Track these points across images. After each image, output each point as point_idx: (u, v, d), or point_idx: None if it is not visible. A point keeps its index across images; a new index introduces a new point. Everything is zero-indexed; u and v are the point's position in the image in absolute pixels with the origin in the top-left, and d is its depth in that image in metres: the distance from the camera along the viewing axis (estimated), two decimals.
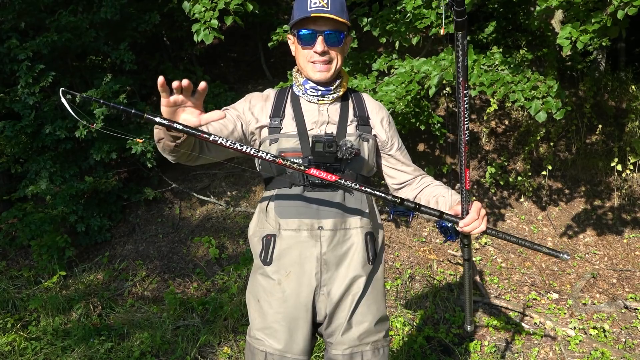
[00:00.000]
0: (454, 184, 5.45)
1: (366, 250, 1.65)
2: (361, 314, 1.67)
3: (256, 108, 1.67)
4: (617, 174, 5.46)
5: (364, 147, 1.66)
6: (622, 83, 5.95)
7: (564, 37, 3.12)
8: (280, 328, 1.64)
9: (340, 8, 1.56)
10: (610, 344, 3.43)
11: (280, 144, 1.61)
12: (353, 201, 1.64)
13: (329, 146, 1.50)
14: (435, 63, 3.66)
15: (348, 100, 1.71)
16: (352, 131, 1.66)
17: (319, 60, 1.57)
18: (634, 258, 4.73)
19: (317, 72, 1.59)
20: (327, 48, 1.56)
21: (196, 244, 4.91)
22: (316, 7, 1.52)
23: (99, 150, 4.88)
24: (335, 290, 1.63)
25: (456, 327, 3.61)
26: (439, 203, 1.69)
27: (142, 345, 3.39)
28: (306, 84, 1.65)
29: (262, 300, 1.68)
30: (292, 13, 1.61)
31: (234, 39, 7.23)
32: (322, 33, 1.54)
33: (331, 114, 1.66)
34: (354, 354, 1.67)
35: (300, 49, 1.60)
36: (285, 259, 1.63)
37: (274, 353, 1.64)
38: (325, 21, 1.53)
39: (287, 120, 1.64)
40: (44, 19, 4.99)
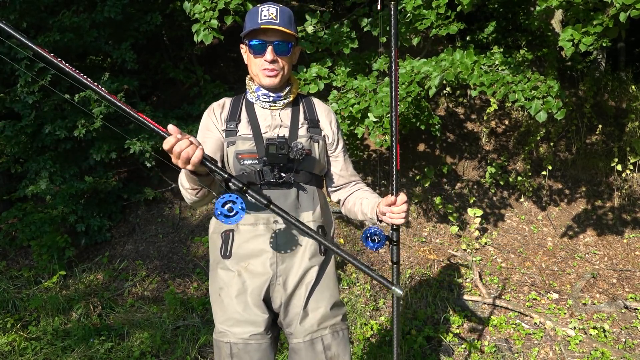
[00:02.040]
0: (454, 184, 5.45)
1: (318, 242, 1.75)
2: (315, 301, 1.77)
3: (216, 116, 1.80)
4: (617, 174, 5.46)
5: (315, 148, 1.79)
6: (622, 83, 5.95)
7: (566, 40, 3.12)
8: (240, 317, 1.73)
9: (288, 21, 1.69)
10: (610, 344, 3.43)
11: (237, 146, 1.73)
12: (306, 198, 1.77)
13: (281, 148, 1.61)
14: (436, 64, 3.66)
15: (299, 105, 1.84)
16: (304, 133, 1.79)
17: (269, 67, 1.69)
18: (634, 258, 4.73)
19: (267, 77, 1.71)
20: (276, 57, 1.69)
21: (196, 244, 4.91)
22: (266, 20, 1.65)
23: (99, 150, 4.87)
24: (290, 280, 1.74)
25: (456, 327, 3.62)
26: (363, 204, 1.83)
27: (142, 345, 3.39)
28: (259, 91, 1.77)
29: (222, 293, 1.77)
30: (244, 24, 1.73)
31: (234, 39, 7.23)
32: (271, 43, 1.68)
33: (283, 118, 1.78)
34: (314, 339, 1.76)
35: (252, 57, 1.72)
36: (243, 252, 1.74)
37: (238, 342, 1.73)
38: (274, 32, 1.67)
39: (242, 124, 1.77)
40: (45, 19, 4.99)
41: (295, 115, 1.81)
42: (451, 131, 5.83)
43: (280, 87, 1.77)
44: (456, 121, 5.95)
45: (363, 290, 4.05)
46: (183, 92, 6.37)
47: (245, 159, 1.71)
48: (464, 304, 3.94)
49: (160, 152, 5.09)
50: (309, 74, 4.10)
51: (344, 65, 4.44)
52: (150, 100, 6.59)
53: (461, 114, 6.00)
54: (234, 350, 1.73)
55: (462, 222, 5.02)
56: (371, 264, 4.44)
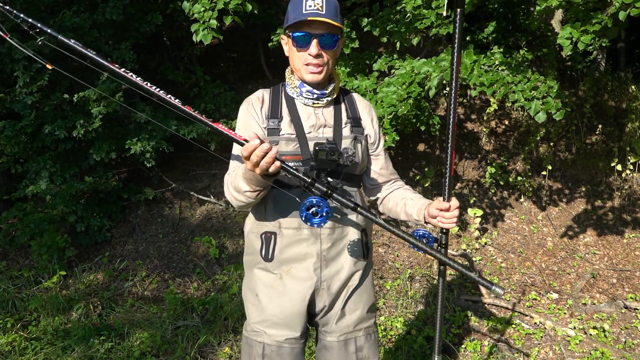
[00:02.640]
0: (454, 183, 5.45)
1: (362, 246, 1.75)
2: (354, 303, 1.76)
3: (256, 112, 1.70)
4: (617, 174, 5.46)
5: (358, 148, 1.73)
6: (622, 83, 5.95)
7: (565, 38, 3.12)
8: (278, 321, 1.71)
9: (334, 12, 1.58)
10: (610, 344, 3.43)
11: (280, 146, 1.63)
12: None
13: (331, 154, 1.53)
14: (436, 64, 3.66)
15: (341, 102, 1.76)
16: (347, 134, 1.72)
17: (313, 62, 1.60)
18: (634, 258, 4.73)
19: (310, 73, 1.62)
20: (321, 51, 1.59)
21: (196, 244, 4.91)
22: (311, 10, 1.54)
23: (99, 150, 4.87)
24: (335, 284, 1.72)
25: (456, 327, 3.62)
26: (407, 205, 1.78)
27: (142, 345, 3.39)
28: (302, 87, 1.67)
29: (260, 294, 1.73)
30: (287, 14, 1.63)
31: (234, 39, 7.23)
32: (316, 36, 1.57)
33: (327, 117, 1.71)
34: (348, 340, 1.76)
35: (294, 50, 1.62)
36: (286, 256, 1.69)
37: (272, 344, 1.71)
38: (319, 24, 1.56)
39: (284, 122, 1.67)
40: (45, 19, 4.98)
41: (338, 113, 1.73)
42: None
43: (323, 83, 1.68)
44: (456, 121, 5.95)
45: None
46: (183, 93, 6.37)
47: (288, 161, 1.59)
48: (464, 304, 3.94)
49: (161, 152, 5.10)
50: None
51: (344, 65, 4.44)
52: (150, 100, 6.59)
53: (461, 114, 6.00)
54: (267, 351, 1.71)
55: (462, 222, 5.02)
56: None
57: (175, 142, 5.27)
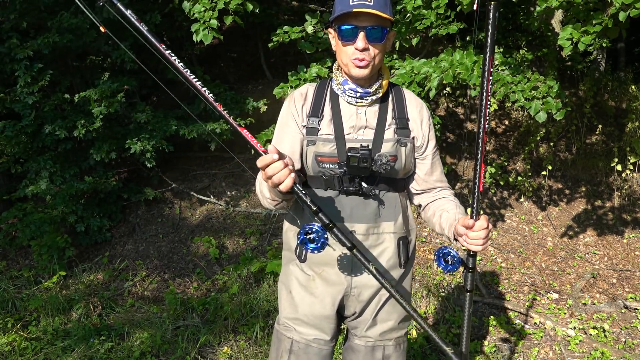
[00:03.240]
0: (454, 183, 5.45)
1: (398, 255, 1.69)
2: (387, 312, 1.73)
3: (299, 109, 1.65)
4: (617, 174, 5.46)
5: (402, 152, 1.62)
6: (622, 83, 5.95)
7: (565, 38, 3.12)
8: (308, 320, 1.71)
9: (383, 3, 1.48)
10: (610, 344, 3.43)
11: (318, 147, 1.59)
12: (387, 206, 1.65)
13: (363, 161, 1.48)
14: (436, 64, 3.66)
15: (387, 101, 1.66)
16: (390, 136, 1.62)
17: (359, 57, 1.51)
18: (634, 258, 4.73)
19: (357, 67, 1.53)
20: (369, 44, 1.50)
21: (196, 244, 4.91)
22: (358, 2, 1.45)
23: (99, 150, 4.87)
24: (365, 292, 1.69)
25: (456, 327, 3.62)
26: (442, 217, 1.67)
27: (142, 345, 3.39)
28: (345, 84, 1.60)
29: (294, 291, 1.73)
30: (334, 7, 1.55)
31: (234, 39, 7.23)
32: (363, 29, 1.48)
33: (369, 118, 1.62)
34: (376, 347, 1.74)
35: (340, 44, 1.54)
36: (318, 259, 1.67)
37: (300, 341, 1.71)
38: (367, 16, 1.47)
39: (324, 122, 1.62)
40: (45, 19, 4.98)
41: (383, 114, 1.63)
42: (451, 131, 5.83)
43: (370, 80, 1.58)
44: (456, 121, 5.95)
45: None
46: (183, 92, 6.37)
47: (324, 162, 1.57)
48: (464, 304, 3.94)
49: (161, 152, 5.10)
50: (309, 74, 4.10)
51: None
52: (150, 100, 6.59)
53: (461, 114, 6.00)
54: (294, 347, 1.71)
55: None
56: None
57: (175, 142, 5.27)
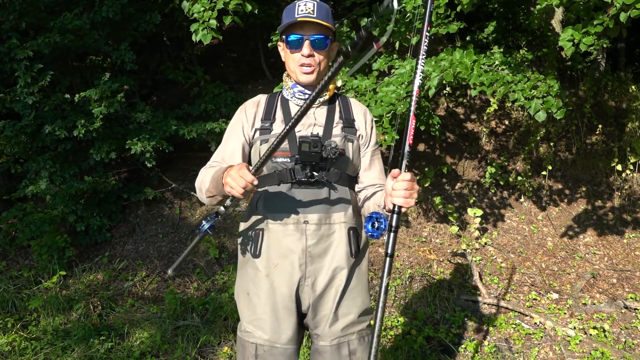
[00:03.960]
0: (454, 184, 5.45)
1: (349, 244, 1.74)
2: (347, 307, 1.76)
3: (250, 116, 1.80)
4: (617, 174, 5.46)
5: (349, 148, 1.75)
6: (622, 83, 5.95)
7: (566, 40, 3.12)
8: (268, 319, 1.72)
9: (325, 15, 1.67)
10: (610, 344, 3.43)
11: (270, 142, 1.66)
12: (338, 198, 1.74)
13: (314, 146, 1.60)
14: (435, 64, 3.66)
15: (335, 104, 1.81)
16: (338, 132, 1.76)
17: (306, 63, 1.67)
18: (634, 258, 4.73)
19: (304, 74, 1.69)
20: (314, 51, 1.67)
21: None
22: (303, 14, 1.64)
23: (99, 150, 4.87)
24: (319, 281, 1.72)
25: (456, 327, 3.62)
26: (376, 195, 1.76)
27: (142, 345, 3.39)
28: (294, 88, 1.75)
29: (251, 292, 1.77)
30: (282, 20, 1.71)
31: (234, 39, 7.23)
32: (308, 37, 1.65)
33: (318, 117, 1.76)
34: (341, 344, 1.75)
35: (289, 53, 1.71)
36: (272, 252, 1.73)
37: (264, 344, 1.72)
38: (311, 26, 1.65)
39: (276, 123, 1.75)
40: (45, 19, 4.98)
41: (331, 114, 1.78)
42: (451, 131, 5.83)
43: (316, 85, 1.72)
44: (456, 121, 5.94)
45: None
46: (183, 92, 6.37)
47: (277, 157, 1.70)
48: (464, 304, 3.94)
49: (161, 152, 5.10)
50: None
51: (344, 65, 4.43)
52: (150, 101, 6.60)
53: (461, 114, 6.00)
54: (259, 351, 1.72)
55: (462, 222, 5.02)
56: (371, 264, 4.44)
57: (175, 142, 5.27)
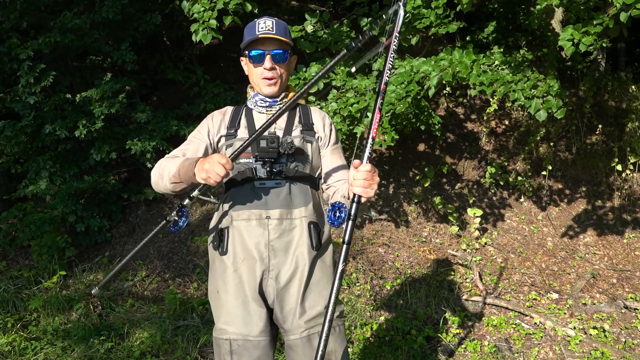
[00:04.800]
0: (454, 183, 5.45)
1: (310, 237, 1.80)
2: (313, 299, 1.79)
3: (216, 123, 1.92)
4: (617, 174, 5.46)
5: (308, 148, 1.85)
6: (622, 83, 5.95)
7: (566, 39, 3.12)
8: (239, 313, 1.76)
9: (283, 31, 1.82)
10: (610, 344, 3.43)
11: (234, 146, 1.80)
12: (298, 194, 1.81)
13: (271, 142, 1.72)
14: (435, 63, 3.66)
15: (295, 111, 1.93)
16: (297, 134, 1.87)
17: (268, 76, 1.81)
18: (634, 258, 4.73)
19: (267, 86, 1.83)
20: (275, 65, 1.81)
21: (196, 244, 4.91)
22: (263, 31, 1.78)
23: (99, 150, 4.87)
24: (282, 274, 1.77)
25: (456, 327, 3.61)
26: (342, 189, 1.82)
27: (142, 345, 3.39)
28: (256, 97, 1.88)
29: (220, 290, 1.81)
30: (243, 38, 1.84)
31: (234, 39, 7.23)
32: (269, 52, 1.80)
33: (278, 122, 1.86)
34: (311, 335, 1.77)
35: (252, 67, 1.84)
36: (238, 247, 1.79)
37: (237, 338, 1.75)
38: (271, 42, 1.80)
39: (241, 129, 1.88)
40: (45, 19, 4.98)
41: (291, 119, 1.89)
42: (451, 131, 5.83)
43: (278, 94, 1.87)
44: (456, 121, 5.95)
45: (363, 290, 4.05)
46: (183, 92, 6.37)
47: (241, 158, 1.80)
48: (464, 304, 3.94)
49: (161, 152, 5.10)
50: (308, 73, 4.11)
51: (344, 65, 4.44)
52: (150, 100, 6.59)
53: (461, 114, 6.00)
54: (234, 346, 1.74)
55: (462, 222, 5.02)
56: (371, 264, 4.44)
57: (175, 142, 5.26)
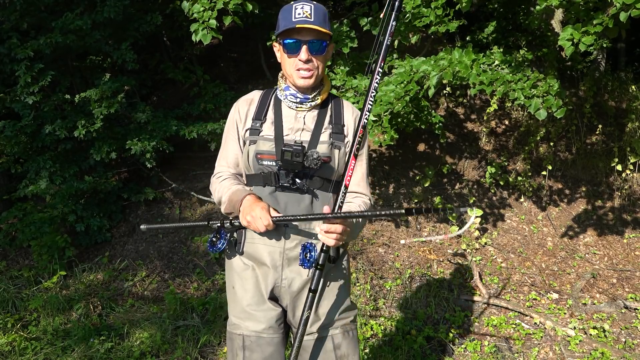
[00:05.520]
0: (454, 183, 5.45)
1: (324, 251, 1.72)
2: (326, 306, 1.78)
3: (242, 115, 1.81)
4: (617, 174, 5.46)
5: (335, 155, 1.74)
6: (622, 83, 5.94)
7: (566, 39, 3.12)
8: (253, 311, 1.76)
9: (322, 19, 1.65)
10: (610, 344, 3.43)
11: (258, 146, 1.73)
12: (319, 205, 1.74)
13: (296, 155, 1.60)
14: (435, 63, 3.66)
15: (326, 108, 1.79)
16: (325, 139, 1.75)
17: (303, 67, 1.67)
18: (634, 258, 4.73)
19: (301, 78, 1.69)
20: (311, 56, 1.66)
21: (196, 244, 4.91)
22: (300, 18, 1.62)
23: (99, 150, 4.87)
24: (295, 282, 1.76)
25: (456, 327, 3.61)
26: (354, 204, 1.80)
27: (142, 345, 3.39)
28: (287, 90, 1.75)
29: (236, 286, 1.80)
30: (278, 23, 1.70)
31: (234, 39, 7.23)
32: (306, 42, 1.64)
33: (307, 122, 1.76)
34: (325, 338, 1.76)
35: (285, 57, 1.70)
36: (253, 251, 1.77)
37: (250, 335, 1.75)
38: (308, 31, 1.63)
39: (266, 124, 1.76)
40: (45, 19, 4.98)
41: (321, 119, 1.77)
42: (451, 131, 5.83)
43: (311, 88, 1.74)
44: (456, 121, 5.94)
45: (363, 290, 4.05)
46: (183, 92, 6.37)
47: (264, 160, 1.72)
48: (464, 304, 3.94)
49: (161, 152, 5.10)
50: None
51: (344, 65, 4.45)
52: (150, 100, 6.59)
53: (461, 114, 6.00)
54: (247, 342, 1.75)
55: (462, 222, 5.01)
56: (371, 264, 4.44)
57: (175, 142, 5.27)
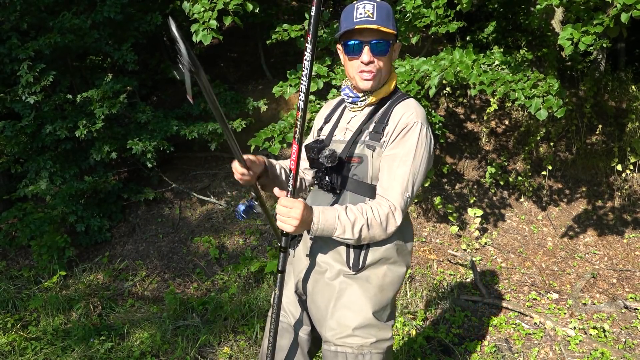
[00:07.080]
0: (454, 183, 5.45)
1: (347, 255, 1.67)
2: (344, 316, 1.69)
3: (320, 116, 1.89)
4: (618, 174, 5.46)
5: (368, 155, 1.63)
6: (622, 83, 5.94)
7: (565, 38, 3.12)
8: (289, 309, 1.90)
9: (386, 17, 1.56)
10: (610, 344, 3.43)
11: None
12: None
13: (313, 151, 1.62)
14: (435, 63, 3.66)
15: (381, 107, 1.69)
16: (363, 138, 1.67)
17: (366, 69, 1.59)
18: (634, 258, 4.73)
19: (364, 80, 1.62)
20: (374, 57, 1.58)
21: (196, 244, 4.91)
22: (362, 18, 1.53)
23: (99, 150, 4.87)
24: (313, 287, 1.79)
25: (456, 327, 3.61)
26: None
27: (142, 345, 3.39)
28: (343, 91, 1.72)
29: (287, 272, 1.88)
30: (339, 24, 1.62)
31: (234, 39, 7.23)
32: (368, 43, 1.56)
33: (353, 121, 1.72)
34: (338, 352, 1.71)
35: (347, 59, 1.63)
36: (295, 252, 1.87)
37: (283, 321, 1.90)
38: (370, 31, 1.54)
39: (328, 125, 1.81)
40: (45, 19, 4.98)
41: (368, 118, 1.68)
42: (451, 131, 5.83)
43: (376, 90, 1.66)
44: (456, 121, 5.94)
45: None
46: (183, 92, 6.36)
47: None
48: (464, 304, 3.94)
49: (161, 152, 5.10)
50: None
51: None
52: (150, 100, 6.60)
53: (461, 114, 6.00)
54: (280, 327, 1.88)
55: (462, 222, 5.02)
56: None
57: (175, 142, 5.27)
